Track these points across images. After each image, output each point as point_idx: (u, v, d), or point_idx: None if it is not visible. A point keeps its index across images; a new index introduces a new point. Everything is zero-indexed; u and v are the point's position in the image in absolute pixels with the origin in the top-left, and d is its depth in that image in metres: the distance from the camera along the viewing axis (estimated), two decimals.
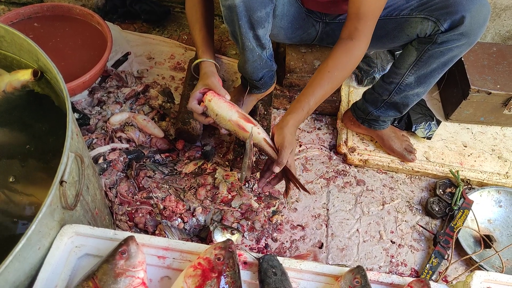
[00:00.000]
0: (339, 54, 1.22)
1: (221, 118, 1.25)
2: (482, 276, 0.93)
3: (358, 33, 1.20)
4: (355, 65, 1.26)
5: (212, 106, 1.26)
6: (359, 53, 1.23)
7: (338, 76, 1.23)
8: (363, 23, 1.19)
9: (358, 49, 1.22)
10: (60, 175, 0.84)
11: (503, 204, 1.61)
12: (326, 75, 1.22)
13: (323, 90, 1.23)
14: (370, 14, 1.18)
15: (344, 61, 1.22)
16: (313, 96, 1.23)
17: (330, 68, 1.22)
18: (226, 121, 1.25)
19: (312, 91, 1.23)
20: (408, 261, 1.47)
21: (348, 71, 1.26)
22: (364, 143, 1.72)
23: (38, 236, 0.84)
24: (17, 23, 1.79)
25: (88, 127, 1.63)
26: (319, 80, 1.23)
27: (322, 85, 1.22)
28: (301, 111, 1.23)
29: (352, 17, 1.20)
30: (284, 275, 0.89)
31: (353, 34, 1.21)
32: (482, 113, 1.78)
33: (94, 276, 0.81)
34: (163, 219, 1.43)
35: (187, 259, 0.92)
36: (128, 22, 2.10)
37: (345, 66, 1.23)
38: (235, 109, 1.26)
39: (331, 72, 1.22)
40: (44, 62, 1.02)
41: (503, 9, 1.94)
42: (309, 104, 1.23)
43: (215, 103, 1.25)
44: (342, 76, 1.25)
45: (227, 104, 1.26)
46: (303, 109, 1.23)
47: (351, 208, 1.58)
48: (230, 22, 1.22)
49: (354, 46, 1.21)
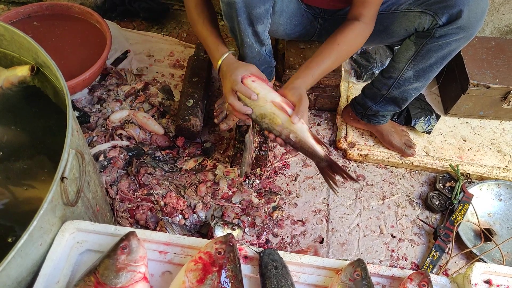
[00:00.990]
0: (348, 30, 1.25)
1: (261, 100, 1.16)
2: (481, 268, 0.93)
3: (364, 17, 1.25)
4: (360, 45, 1.30)
5: (255, 86, 1.18)
6: (365, 34, 1.27)
7: (345, 51, 1.26)
8: (368, 9, 1.24)
9: (364, 30, 1.26)
10: (61, 172, 0.85)
11: (503, 198, 1.61)
12: (335, 47, 1.24)
13: (330, 61, 1.25)
14: (374, 1, 1.23)
15: (353, 38, 1.26)
16: (322, 64, 1.23)
17: (339, 41, 1.24)
18: (267, 102, 1.16)
19: (321, 59, 1.24)
20: (409, 255, 1.48)
21: (354, 48, 1.30)
22: (363, 138, 1.73)
23: (40, 232, 0.84)
24: (16, 22, 1.80)
25: (89, 125, 1.64)
26: (328, 51, 1.24)
27: (331, 56, 1.24)
28: (310, 77, 1.23)
29: (357, 4, 1.24)
30: (284, 269, 0.90)
31: (359, 17, 1.25)
32: (481, 107, 1.78)
33: (96, 271, 0.81)
34: (164, 215, 1.44)
35: (188, 253, 0.93)
36: (127, 20, 2.10)
37: (353, 42, 1.27)
38: (276, 93, 1.20)
39: (340, 45, 1.24)
40: (44, 60, 1.02)
41: (501, 3, 1.94)
42: (318, 72, 1.23)
43: (259, 84, 1.19)
44: (349, 52, 1.28)
45: (270, 87, 1.21)
46: (312, 76, 1.23)
47: (351, 203, 1.59)
48: (229, 18, 1.23)
49: (361, 27, 1.25)
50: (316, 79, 1.25)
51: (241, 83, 1.18)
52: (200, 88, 1.69)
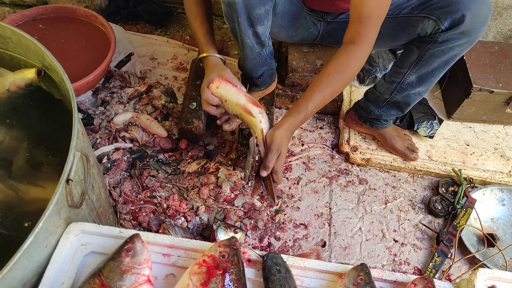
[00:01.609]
0: (340, 57, 1.20)
1: (229, 103, 1.22)
2: (486, 274, 0.93)
3: (360, 36, 1.17)
4: (356, 69, 1.23)
5: (220, 92, 1.23)
6: (361, 57, 1.21)
7: (338, 80, 1.20)
8: (365, 26, 1.16)
9: (359, 53, 1.19)
10: (67, 174, 0.86)
11: (506, 203, 1.61)
12: (325, 78, 1.20)
13: (322, 94, 1.20)
14: (372, 17, 1.15)
15: (344, 64, 1.19)
16: (312, 100, 1.20)
17: (330, 71, 1.20)
18: (234, 105, 1.22)
19: (311, 95, 1.20)
20: (411, 259, 1.48)
21: (349, 74, 1.22)
22: (366, 142, 1.73)
23: (45, 234, 0.85)
24: (22, 24, 1.81)
25: (92, 127, 1.64)
26: (318, 84, 1.20)
27: (321, 89, 1.20)
28: (297, 115, 1.20)
29: (354, 20, 1.17)
30: (288, 273, 0.90)
31: (355, 38, 1.18)
32: (484, 112, 1.78)
33: (101, 274, 0.82)
34: (166, 218, 1.44)
35: (192, 256, 0.93)
36: (131, 23, 2.12)
37: (345, 69, 1.20)
38: (243, 93, 1.23)
39: (330, 75, 1.19)
40: (50, 62, 1.03)
41: (504, 8, 1.95)
42: (306, 108, 1.20)
43: (223, 88, 1.23)
44: (343, 80, 1.21)
45: (235, 89, 1.23)
46: (300, 113, 1.20)
47: (354, 207, 1.59)
48: (229, 19, 1.24)
49: (356, 50, 1.18)
50: (309, 114, 1.22)
51: (207, 91, 1.26)
52: None
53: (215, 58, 1.33)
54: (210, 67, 1.31)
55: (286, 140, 1.20)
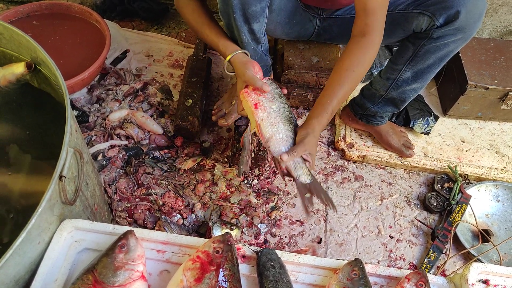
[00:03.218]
0: (354, 51, 1.19)
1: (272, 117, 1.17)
2: (479, 268, 0.93)
3: (369, 28, 1.17)
4: (371, 61, 1.23)
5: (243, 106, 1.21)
6: (374, 48, 1.21)
7: (356, 73, 1.20)
8: (372, 17, 1.16)
9: (372, 44, 1.20)
10: (60, 170, 0.85)
11: (501, 199, 1.61)
12: (344, 73, 1.19)
13: (343, 90, 1.19)
14: (377, 8, 1.16)
15: (360, 58, 1.19)
16: (335, 97, 1.18)
17: (347, 66, 1.19)
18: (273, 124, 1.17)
19: (333, 91, 1.19)
20: (407, 255, 1.48)
21: (365, 67, 1.22)
22: (362, 138, 1.73)
23: (38, 231, 0.85)
24: (15, 21, 1.80)
25: (87, 124, 1.64)
26: (338, 80, 1.19)
27: (342, 84, 1.19)
28: (325, 114, 1.18)
29: (360, 13, 1.17)
30: (282, 268, 0.90)
31: (364, 30, 1.18)
32: (479, 109, 1.78)
33: (94, 270, 0.82)
34: (162, 215, 1.44)
35: (186, 253, 0.93)
36: (126, 20, 2.11)
37: (362, 62, 1.20)
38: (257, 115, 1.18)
39: (348, 70, 1.18)
40: (43, 59, 1.03)
41: (500, 4, 1.95)
42: (332, 106, 1.18)
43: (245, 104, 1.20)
44: (360, 73, 1.21)
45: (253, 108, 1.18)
46: (327, 112, 1.18)
47: (350, 203, 1.59)
48: (225, 15, 1.23)
49: (368, 42, 1.19)
50: (333, 112, 1.20)
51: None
52: (199, 88, 1.69)
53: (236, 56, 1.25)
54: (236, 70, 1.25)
55: (317, 142, 1.19)
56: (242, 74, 1.19)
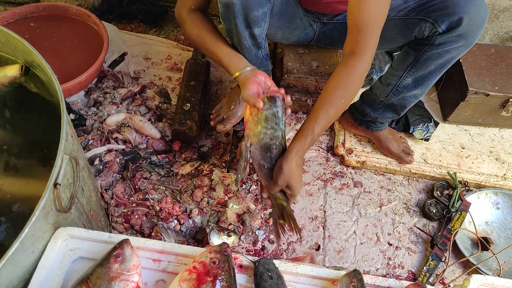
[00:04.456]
0: (340, 72, 1.15)
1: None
2: (479, 280, 0.92)
3: (359, 46, 1.13)
4: (359, 82, 1.17)
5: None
6: (362, 69, 1.15)
7: (341, 96, 1.14)
8: (363, 34, 1.11)
9: (360, 64, 1.14)
10: (54, 178, 0.84)
11: (501, 206, 1.60)
12: (328, 97, 1.14)
13: (327, 115, 1.14)
14: (370, 24, 1.11)
15: (345, 79, 1.14)
16: (317, 123, 1.14)
17: (331, 88, 1.14)
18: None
19: (315, 117, 1.15)
20: (405, 263, 1.47)
21: (351, 89, 1.16)
22: (361, 144, 1.72)
23: (32, 240, 0.83)
24: (13, 23, 1.78)
25: (84, 128, 1.62)
26: (321, 104, 1.15)
27: (325, 109, 1.14)
28: (304, 140, 1.15)
29: (352, 29, 1.13)
30: (280, 279, 0.89)
31: (354, 48, 1.13)
32: (480, 115, 1.77)
33: (88, 280, 0.80)
34: (159, 221, 1.42)
35: (183, 262, 0.92)
36: (124, 22, 2.09)
37: (346, 84, 1.14)
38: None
39: (332, 92, 1.14)
40: (38, 63, 1.01)
41: (501, 10, 1.94)
42: (313, 132, 1.14)
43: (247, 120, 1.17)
44: (346, 96, 1.15)
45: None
46: (306, 138, 1.15)
47: (348, 210, 1.58)
48: (226, 20, 1.21)
49: (355, 62, 1.14)
50: (316, 137, 1.16)
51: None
52: (197, 92, 1.68)
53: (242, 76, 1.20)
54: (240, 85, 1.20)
55: (296, 169, 1.14)
56: (241, 94, 1.15)
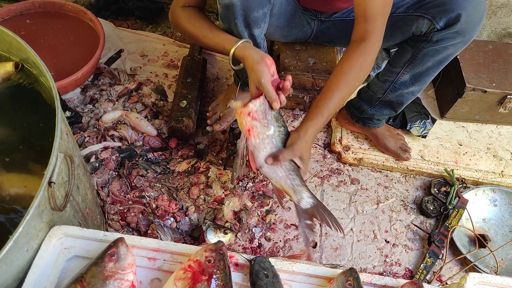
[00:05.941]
0: (354, 55, 1.18)
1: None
2: (476, 278, 0.92)
3: (369, 34, 1.16)
4: (371, 66, 1.21)
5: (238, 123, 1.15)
6: (373, 54, 1.19)
7: (355, 78, 1.18)
8: (372, 24, 1.15)
9: (372, 50, 1.18)
10: (49, 176, 0.83)
11: (498, 203, 1.60)
12: (343, 77, 1.17)
13: (341, 94, 1.17)
14: (377, 14, 1.14)
15: (360, 62, 1.18)
16: (332, 100, 1.16)
17: (346, 70, 1.17)
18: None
19: (330, 95, 1.17)
20: (402, 260, 1.47)
21: (365, 72, 1.20)
22: (358, 141, 1.71)
23: (26, 238, 0.82)
24: (8, 19, 1.77)
25: (80, 125, 1.61)
26: (336, 83, 1.17)
27: (340, 88, 1.17)
28: (320, 117, 1.16)
29: (360, 20, 1.16)
30: (276, 277, 0.88)
31: (364, 35, 1.17)
32: (477, 112, 1.77)
33: (83, 279, 0.80)
34: (155, 218, 1.42)
35: (178, 260, 0.91)
36: (121, 19, 2.08)
37: (361, 67, 1.18)
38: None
39: (347, 74, 1.17)
40: (33, 60, 1.00)
41: (499, 6, 1.93)
42: (328, 109, 1.16)
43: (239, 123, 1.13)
44: (359, 78, 1.19)
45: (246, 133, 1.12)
46: (322, 115, 1.16)
47: (345, 207, 1.58)
48: (225, 20, 1.20)
49: (368, 47, 1.17)
50: (330, 115, 1.18)
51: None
52: (194, 89, 1.67)
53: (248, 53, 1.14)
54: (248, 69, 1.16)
55: (309, 146, 1.16)
56: (257, 81, 1.11)
